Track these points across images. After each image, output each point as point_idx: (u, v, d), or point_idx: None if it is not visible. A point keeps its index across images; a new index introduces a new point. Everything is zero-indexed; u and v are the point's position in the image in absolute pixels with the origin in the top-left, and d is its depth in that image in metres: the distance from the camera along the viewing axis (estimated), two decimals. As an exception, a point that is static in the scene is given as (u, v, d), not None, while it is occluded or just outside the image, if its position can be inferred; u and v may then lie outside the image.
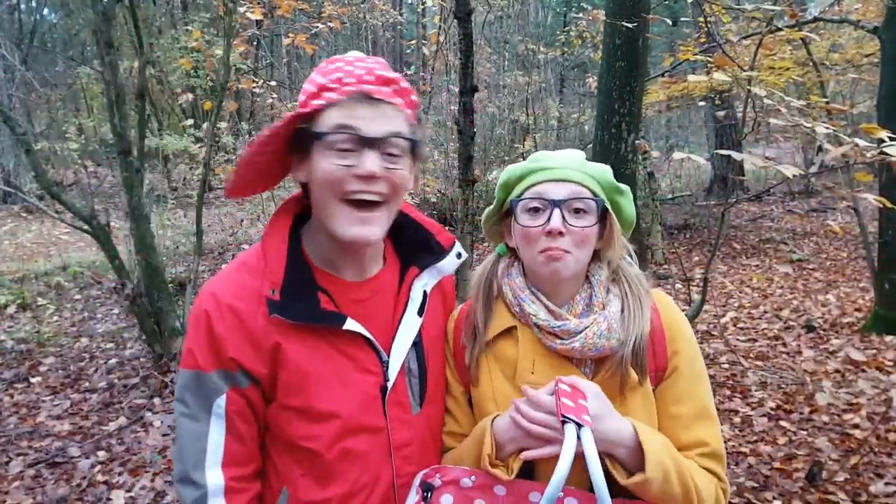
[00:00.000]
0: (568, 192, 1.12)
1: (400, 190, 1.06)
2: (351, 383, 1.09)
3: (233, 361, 1.04)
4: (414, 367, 1.17)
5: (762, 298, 6.26)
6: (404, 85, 1.06)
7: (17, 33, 16.97)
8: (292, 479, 1.10)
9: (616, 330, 1.11)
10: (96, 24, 4.21)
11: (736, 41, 4.84)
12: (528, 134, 11.12)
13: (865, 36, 7.31)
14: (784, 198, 12.22)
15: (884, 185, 4.62)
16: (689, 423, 1.12)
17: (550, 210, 1.11)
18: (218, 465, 1.05)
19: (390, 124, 1.02)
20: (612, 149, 4.07)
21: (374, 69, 1.03)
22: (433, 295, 1.23)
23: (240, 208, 12.39)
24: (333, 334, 1.08)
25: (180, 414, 1.07)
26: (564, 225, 1.10)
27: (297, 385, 1.06)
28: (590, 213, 1.13)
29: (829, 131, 2.36)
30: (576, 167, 1.16)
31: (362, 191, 1.01)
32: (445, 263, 1.23)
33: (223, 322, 1.04)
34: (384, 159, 1.02)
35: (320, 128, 1.01)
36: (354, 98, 1.00)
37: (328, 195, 1.03)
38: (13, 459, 3.51)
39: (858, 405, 3.65)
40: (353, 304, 1.12)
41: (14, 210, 13.11)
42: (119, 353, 5.16)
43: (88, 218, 4.33)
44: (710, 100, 9.87)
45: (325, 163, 1.01)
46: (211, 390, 1.05)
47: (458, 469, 1.11)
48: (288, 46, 8.98)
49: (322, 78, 1.04)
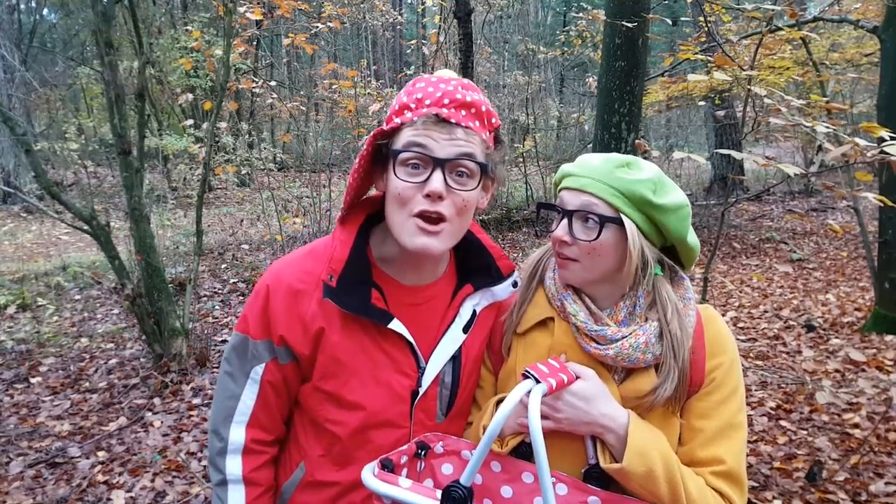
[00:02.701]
0: (579, 202, 1.11)
1: (465, 210, 1.09)
2: (384, 381, 1.14)
3: (280, 337, 1.12)
4: (448, 379, 1.20)
5: (762, 298, 6.26)
6: (484, 109, 1.08)
7: (17, 33, 16.96)
8: (311, 456, 1.17)
9: (653, 345, 1.09)
10: (96, 24, 4.21)
11: (736, 41, 4.84)
12: (528, 134, 11.13)
13: (865, 35, 7.32)
14: (784, 197, 12.23)
15: (884, 184, 4.62)
16: (710, 439, 1.09)
17: (560, 219, 1.13)
18: (243, 424, 1.15)
19: (461, 146, 1.04)
20: (611, 149, 4.07)
21: (452, 93, 1.06)
22: (484, 316, 1.25)
23: (240, 208, 12.41)
24: (378, 331, 1.13)
25: (223, 372, 1.18)
26: (569, 236, 1.11)
27: (332, 371, 1.13)
28: (598, 227, 1.10)
29: (829, 131, 2.36)
30: (598, 176, 1.10)
31: (428, 210, 1.05)
32: (500, 289, 1.26)
33: (280, 300, 1.12)
34: (452, 179, 1.05)
35: (396, 145, 1.06)
36: (429, 119, 1.03)
37: (397, 208, 1.08)
38: (13, 459, 3.51)
39: (858, 405, 3.65)
40: (405, 308, 1.17)
41: (14, 210, 13.11)
42: (119, 353, 5.16)
43: (88, 218, 4.33)
44: (709, 99, 9.87)
45: (396, 178, 1.05)
46: (253, 356, 1.14)
47: (462, 441, 1.15)
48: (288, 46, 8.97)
49: (406, 97, 1.08)
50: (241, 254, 8.46)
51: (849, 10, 6.36)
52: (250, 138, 9.90)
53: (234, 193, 13.66)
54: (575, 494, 1.05)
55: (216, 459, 1.16)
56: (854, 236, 7.88)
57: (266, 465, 1.18)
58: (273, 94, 6.93)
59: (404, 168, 1.05)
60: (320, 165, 8.42)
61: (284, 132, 11.87)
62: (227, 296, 6.69)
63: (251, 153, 8.73)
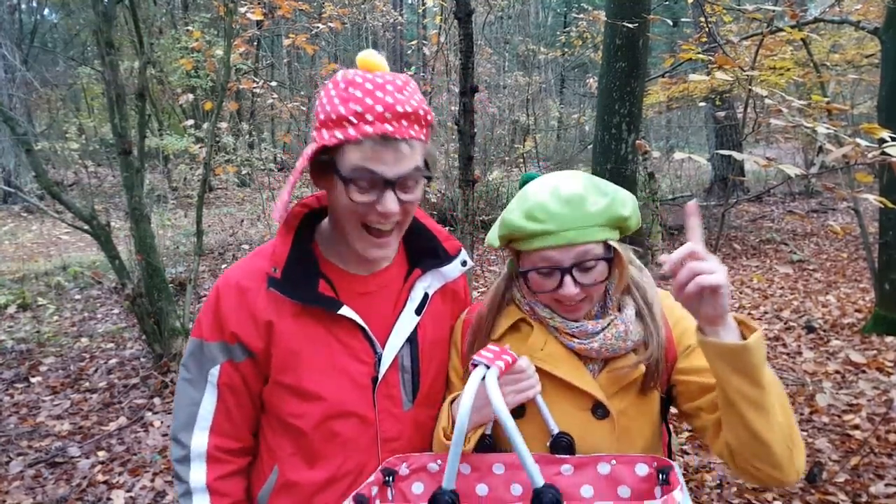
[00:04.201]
0: (574, 256, 1.09)
1: (412, 213, 1.14)
2: (341, 369, 1.14)
3: (233, 335, 1.12)
4: (407, 363, 1.20)
5: (762, 299, 6.26)
6: (421, 112, 1.05)
7: (18, 33, 16.97)
8: (282, 456, 1.16)
9: (633, 332, 1.12)
10: (97, 24, 4.21)
11: (737, 42, 4.84)
12: (529, 134, 11.13)
13: (866, 36, 7.32)
14: (784, 198, 12.22)
15: (884, 185, 4.62)
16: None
17: (560, 276, 1.09)
18: (206, 430, 1.14)
19: (408, 163, 1.05)
20: (612, 149, 4.07)
21: (392, 105, 1.01)
22: (437, 298, 1.26)
23: (240, 209, 12.40)
24: (331, 319, 1.14)
25: (182, 378, 1.17)
26: (578, 288, 1.10)
27: (288, 363, 1.12)
28: (599, 264, 1.10)
29: (830, 132, 2.36)
30: (578, 223, 1.07)
31: (380, 225, 1.08)
32: (449, 269, 1.27)
33: (229, 298, 1.13)
34: (401, 194, 1.06)
35: (343, 164, 1.04)
36: (376, 141, 1.01)
37: (346, 218, 1.10)
38: (13, 459, 3.51)
39: (859, 406, 3.65)
40: (357, 297, 1.17)
41: (14, 210, 13.11)
42: (119, 353, 5.16)
43: (89, 218, 4.33)
44: (710, 100, 9.87)
45: (347, 198, 1.05)
46: (208, 359, 1.14)
47: (425, 455, 1.14)
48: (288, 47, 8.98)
49: (342, 107, 1.02)
50: (242, 254, 8.46)
51: (849, 11, 6.36)
52: (251, 138, 9.91)
53: (235, 193, 13.65)
54: (547, 468, 1.05)
55: (179, 468, 1.14)
56: (854, 237, 7.87)
57: (233, 476, 1.16)
58: (273, 95, 6.93)
59: (355, 188, 1.04)
60: (321, 166, 8.38)
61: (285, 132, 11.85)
62: (228, 296, 6.69)
63: (251, 153, 8.74)
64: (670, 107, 10.92)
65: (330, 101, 1.05)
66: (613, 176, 6.43)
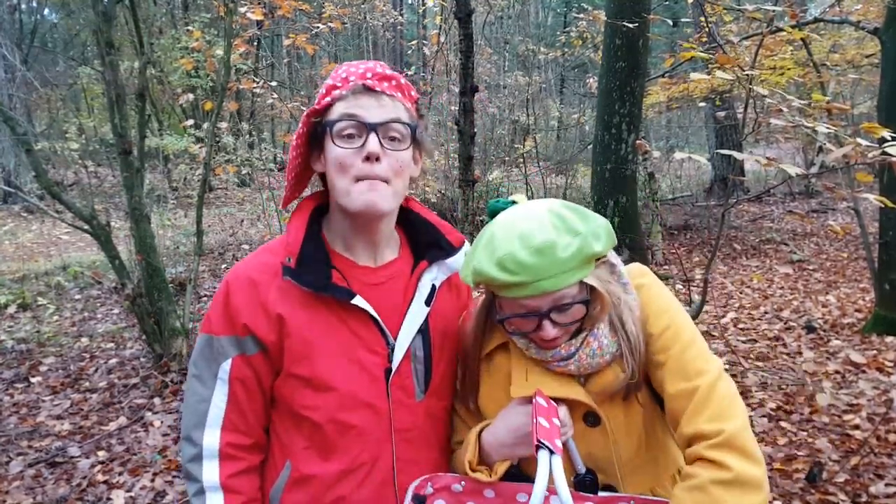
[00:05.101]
0: (551, 301, 1.07)
1: (403, 170, 1.16)
2: (355, 359, 1.15)
3: (244, 327, 1.12)
4: (420, 353, 1.21)
5: (762, 299, 6.26)
6: (403, 82, 1.18)
7: (18, 33, 16.97)
8: (295, 451, 1.16)
9: (607, 346, 1.12)
10: (97, 24, 4.21)
11: (737, 42, 4.84)
12: (529, 134, 11.12)
13: (866, 37, 7.31)
14: (784, 198, 12.22)
15: (885, 185, 4.62)
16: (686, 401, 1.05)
17: (539, 320, 1.09)
18: (217, 427, 1.13)
19: (390, 112, 1.14)
20: (612, 149, 4.07)
21: (373, 68, 1.16)
22: (443, 290, 1.28)
23: (240, 209, 12.40)
24: (343, 309, 1.15)
25: (191, 376, 1.16)
26: (557, 328, 1.10)
27: (302, 353, 1.13)
28: (575, 305, 1.09)
29: (830, 132, 2.36)
30: (551, 272, 1.04)
31: (368, 172, 1.12)
32: (454, 260, 1.28)
33: (240, 292, 1.14)
34: (386, 142, 1.13)
35: (331, 118, 1.14)
36: (357, 90, 1.13)
37: (339, 175, 1.13)
38: (13, 459, 3.51)
39: (859, 406, 3.65)
40: (366, 287, 1.18)
41: (14, 210, 13.11)
42: (119, 353, 5.16)
43: (89, 218, 4.33)
44: (710, 100, 9.87)
45: (335, 148, 1.13)
46: (218, 354, 1.13)
47: (449, 476, 1.15)
48: (288, 47, 8.97)
49: (331, 80, 1.17)
50: (242, 254, 8.47)
51: (849, 11, 6.36)
52: (251, 138, 9.91)
53: (235, 193, 13.65)
54: None
55: (191, 467, 1.13)
56: (854, 237, 7.87)
57: (246, 473, 1.15)
58: (274, 95, 6.92)
59: (341, 139, 1.12)
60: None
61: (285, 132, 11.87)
62: (228, 296, 6.69)
63: (252, 153, 8.73)
64: (670, 107, 10.92)
65: (324, 85, 1.19)
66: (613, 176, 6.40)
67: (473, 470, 1.13)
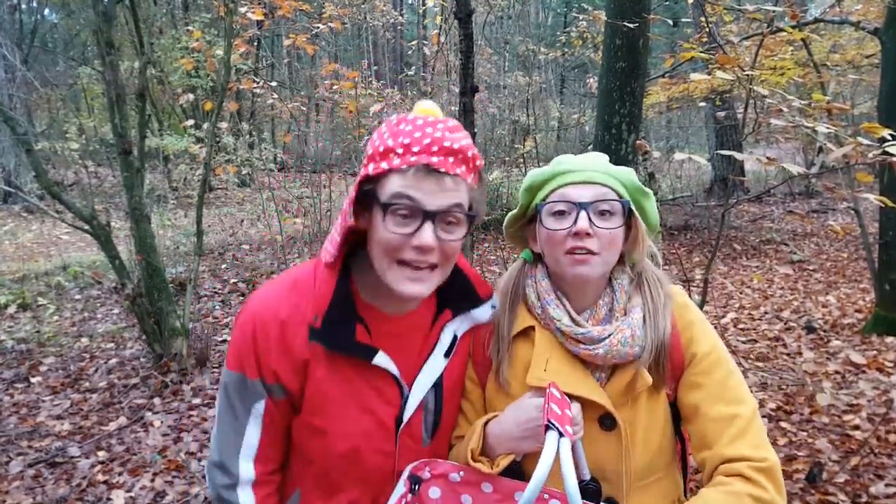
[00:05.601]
0: (593, 194, 1.11)
1: (451, 256, 1.10)
2: (368, 409, 1.15)
3: (272, 374, 1.12)
4: (432, 406, 1.21)
5: (762, 299, 6.26)
6: (470, 154, 1.06)
7: (18, 33, 16.97)
8: (304, 484, 1.20)
9: (639, 337, 1.11)
10: (97, 24, 4.21)
11: (737, 42, 4.84)
12: (529, 134, 11.12)
13: (866, 37, 7.31)
14: (784, 198, 12.22)
15: (885, 185, 4.62)
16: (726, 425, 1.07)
17: (577, 212, 1.10)
18: (251, 459, 1.16)
19: (450, 197, 1.03)
20: (612, 150, 4.06)
21: (440, 139, 1.03)
22: (464, 340, 1.26)
23: (240, 209, 12.41)
24: (364, 364, 1.14)
25: (224, 405, 1.16)
26: (591, 227, 1.10)
27: (320, 406, 1.14)
28: (616, 214, 1.12)
29: (830, 132, 2.36)
30: (600, 169, 1.15)
31: (416, 259, 1.05)
32: (479, 312, 1.26)
33: (270, 336, 1.11)
34: (441, 230, 1.04)
35: (383, 192, 1.04)
36: (419, 169, 1.01)
37: (383, 254, 1.07)
38: (13, 459, 3.51)
39: (859, 406, 3.65)
40: (388, 337, 1.17)
41: (14, 210, 13.10)
42: (119, 353, 5.16)
43: (89, 218, 4.33)
44: (710, 100, 9.87)
45: (385, 228, 1.04)
46: (253, 394, 1.14)
47: (448, 464, 1.14)
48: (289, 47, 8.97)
49: (391, 140, 1.04)
50: (242, 254, 8.47)
51: (850, 11, 6.36)
52: (251, 138, 9.90)
53: (235, 193, 13.67)
54: None
55: (226, 493, 1.16)
56: (855, 237, 7.87)
57: (274, 494, 1.20)
58: (274, 95, 6.92)
59: (393, 218, 1.03)
60: (321, 166, 8.41)
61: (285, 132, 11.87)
62: (228, 296, 6.70)
63: (252, 153, 8.73)
64: (670, 107, 10.92)
65: (380, 137, 1.07)
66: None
67: (475, 460, 1.11)
